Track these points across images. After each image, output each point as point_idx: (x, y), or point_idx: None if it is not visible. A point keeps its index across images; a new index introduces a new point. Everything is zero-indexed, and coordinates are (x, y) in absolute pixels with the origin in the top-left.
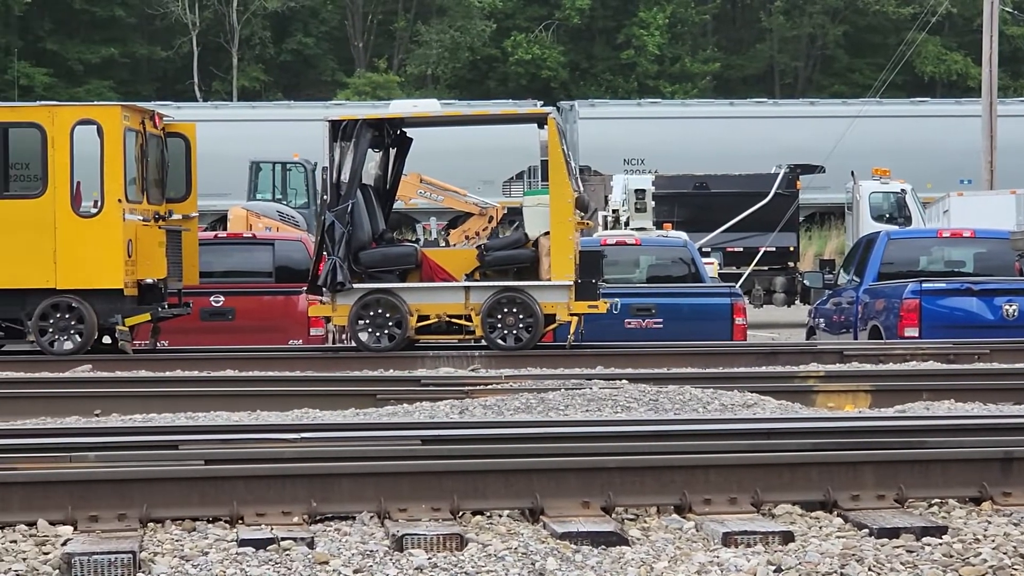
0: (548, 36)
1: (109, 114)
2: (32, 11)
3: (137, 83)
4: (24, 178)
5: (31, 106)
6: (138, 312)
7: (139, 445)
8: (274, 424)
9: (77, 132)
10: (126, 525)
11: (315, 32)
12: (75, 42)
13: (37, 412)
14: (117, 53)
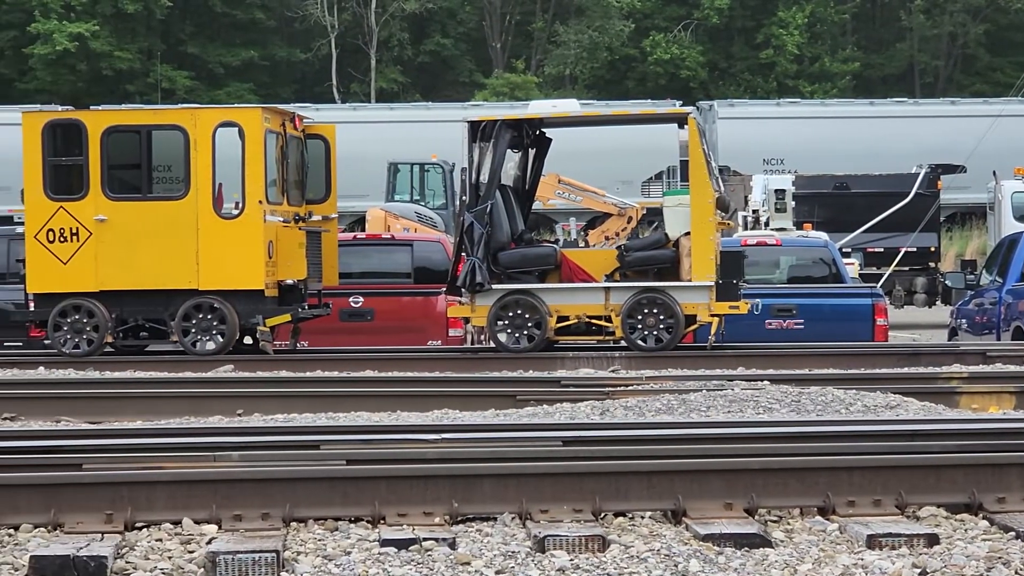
0: (687, 36)
1: (250, 116)
2: (174, 15)
3: (276, 85)
4: (167, 180)
5: (174, 109)
6: (279, 313)
7: (281, 445)
8: (415, 424)
9: (219, 134)
10: (269, 524)
11: (453, 33)
12: (216, 45)
13: (181, 412)
14: (257, 56)
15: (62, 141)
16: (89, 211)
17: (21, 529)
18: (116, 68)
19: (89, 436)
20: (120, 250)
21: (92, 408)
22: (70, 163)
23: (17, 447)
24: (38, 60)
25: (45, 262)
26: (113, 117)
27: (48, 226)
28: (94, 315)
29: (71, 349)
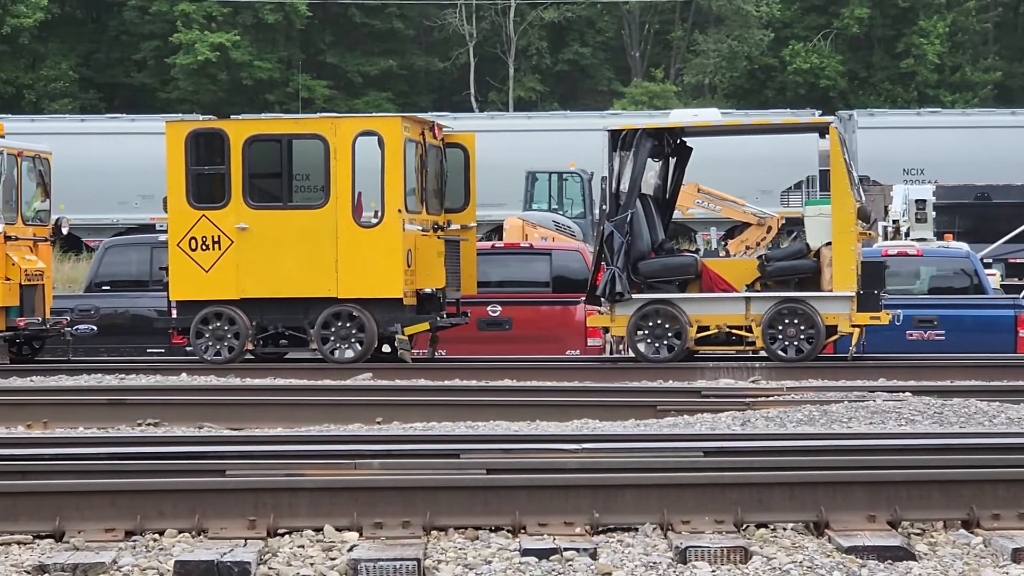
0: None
1: (390, 125)
2: (313, 25)
3: (414, 94)
4: (306, 189)
5: (314, 118)
6: (417, 321)
7: (421, 453)
8: (554, 434)
9: (359, 143)
10: (410, 532)
11: (591, 42)
12: (355, 55)
13: (320, 419)
14: (395, 65)
15: (204, 150)
16: (231, 219)
17: (166, 534)
18: (256, 78)
19: (232, 443)
20: (261, 258)
21: (233, 415)
22: (212, 172)
23: (161, 452)
24: (180, 70)
25: (187, 270)
26: (254, 126)
27: (191, 234)
28: (235, 322)
29: (212, 356)
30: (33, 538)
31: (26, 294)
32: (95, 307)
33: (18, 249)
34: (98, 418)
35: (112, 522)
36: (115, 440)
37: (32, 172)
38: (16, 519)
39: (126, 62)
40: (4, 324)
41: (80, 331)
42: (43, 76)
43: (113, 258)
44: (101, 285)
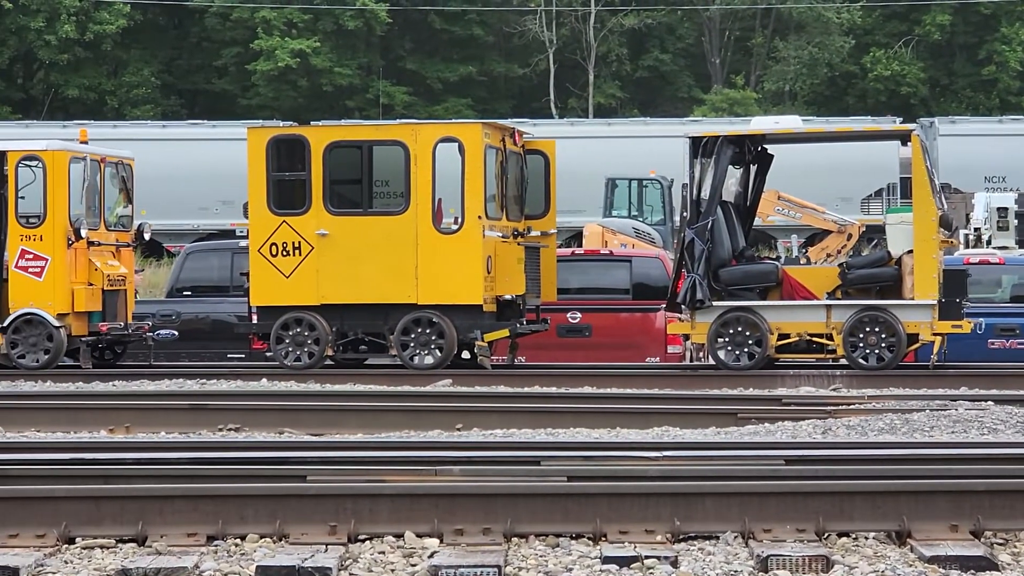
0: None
1: (471, 132)
2: (393, 31)
3: (494, 100)
4: (385, 195)
5: (394, 124)
6: (497, 328)
7: (502, 460)
8: (635, 442)
9: (439, 149)
10: (491, 539)
11: (671, 48)
12: (434, 61)
13: (400, 425)
14: (475, 71)
15: (286, 156)
16: (311, 226)
17: (247, 539)
18: (336, 84)
19: (312, 448)
20: (341, 264)
21: (314, 420)
22: (293, 178)
23: (243, 458)
24: (260, 76)
25: (268, 276)
26: (335, 133)
27: (271, 240)
28: (315, 328)
29: (292, 362)
30: (116, 542)
31: (108, 299)
32: (176, 312)
33: (101, 254)
34: (179, 423)
35: (194, 526)
36: (197, 445)
37: (115, 178)
38: (100, 523)
39: (207, 68)
40: (87, 329)
41: (161, 336)
42: (125, 82)
43: (194, 263)
44: (182, 290)
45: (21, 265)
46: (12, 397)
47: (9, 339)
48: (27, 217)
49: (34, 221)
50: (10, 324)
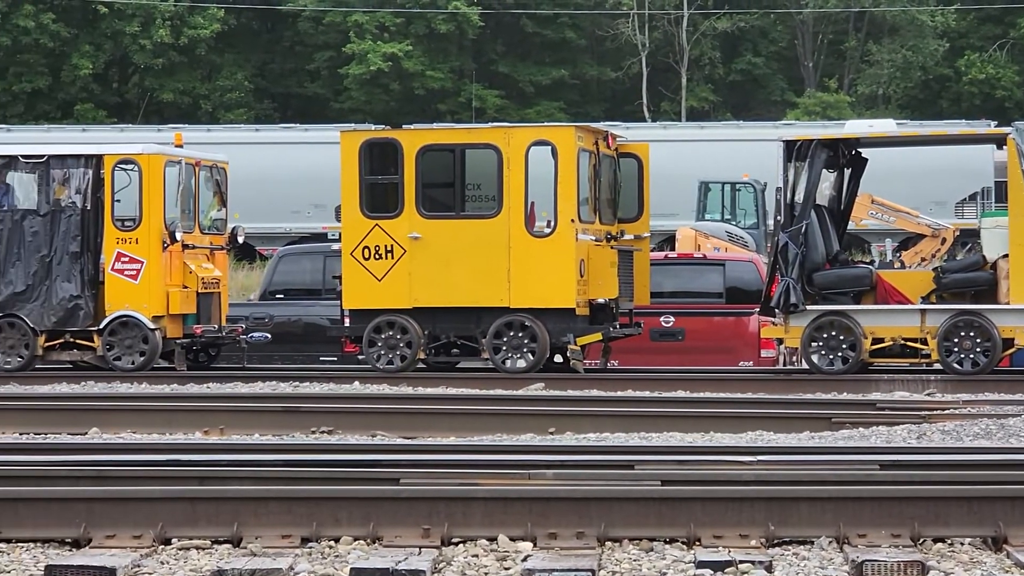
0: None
1: (564, 135)
2: (485, 35)
3: (586, 104)
4: (477, 198)
5: (487, 128)
6: (590, 331)
7: (595, 464)
8: (729, 446)
9: (532, 153)
10: (584, 543)
11: (764, 52)
12: (526, 64)
13: (492, 429)
14: (567, 74)
15: (378, 160)
16: (404, 229)
17: (341, 541)
18: (428, 87)
19: (405, 451)
20: (433, 268)
21: (406, 423)
22: (385, 181)
23: (336, 460)
24: (353, 80)
25: (361, 279)
26: (428, 136)
27: (364, 243)
28: (407, 331)
29: (385, 365)
30: (211, 543)
31: (203, 302)
32: (269, 315)
33: (195, 257)
34: (273, 425)
35: (288, 528)
36: (290, 447)
37: (209, 181)
38: (195, 524)
39: (300, 72)
40: (181, 331)
41: (254, 339)
42: (219, 87)
43: (287, 267)
44: (275, 293)
45: (117, 268)
46: (108, 398)
47: (105, 341)
48: (123, 220)
49: (129, 224)
50: (106, 326)
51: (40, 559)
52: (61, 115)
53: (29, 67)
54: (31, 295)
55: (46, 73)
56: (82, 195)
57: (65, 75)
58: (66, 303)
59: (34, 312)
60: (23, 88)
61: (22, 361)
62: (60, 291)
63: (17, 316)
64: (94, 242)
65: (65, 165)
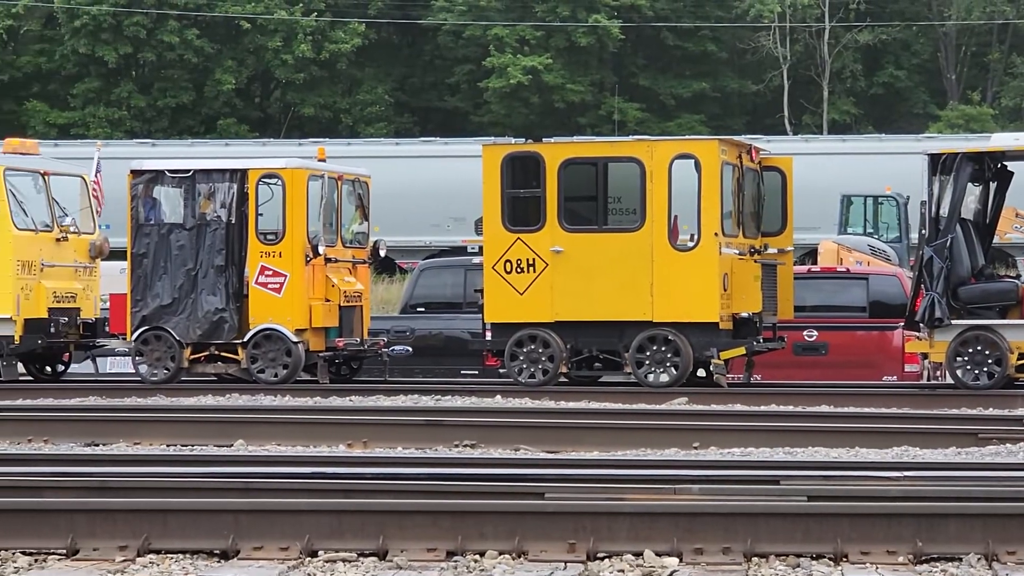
0: None
1: (707, 148)
2: (625, 48)
3: (727, 117)
4: (618, 211)
5: (629, 141)
6: (733, 346)
7: (740, 479)
8: (875, 462)
9: (675, 166)
10: (730, 559)
11: (906, 64)
12: (667, 77)
13: (636, 443)
14: (708, 87)
15: (520, 173)
16: (546, 242)
17: (486, 555)
18: (568, 100)
19: (550, 465)
20: (576, 281)
21: (549, 437)
22: (528, 195)
23: (481, 474)
24: (492, 93)
25: (502, 292)
26: (570, 149)
27: (506, 257)
28: (549, 345)
29: (527, 378)
30: (357, 555)
31: (345, 315)
32: (410, 328)
33: (337, 271)
34: (416, 438)
35: (434, 542)
36: (434, 461)
37: (351, 195)
38: (341, 536)
39: (440, 86)
40: (324, 344)
41: (396, 352)
42: (359, 100)
43: (428, 280)
44: (416, 307)
45: (261, 281)
46: (253, 411)
47: (249, 354)
48: (266, 234)
49: (272, 238)
50: (250, 339)
51: (189, 570)
52: (204, 130)
53: (173, 82)
54: (177, 308)
55: (190, 88)
56: (227, 209)
57: (208, 90)
58: (211, 316)
59: (180, 325)
60: (168, 103)
61: (168, 373)
62: (205, 304)
63: (163, 329)
64: (238, 256)
65: (210, 179)
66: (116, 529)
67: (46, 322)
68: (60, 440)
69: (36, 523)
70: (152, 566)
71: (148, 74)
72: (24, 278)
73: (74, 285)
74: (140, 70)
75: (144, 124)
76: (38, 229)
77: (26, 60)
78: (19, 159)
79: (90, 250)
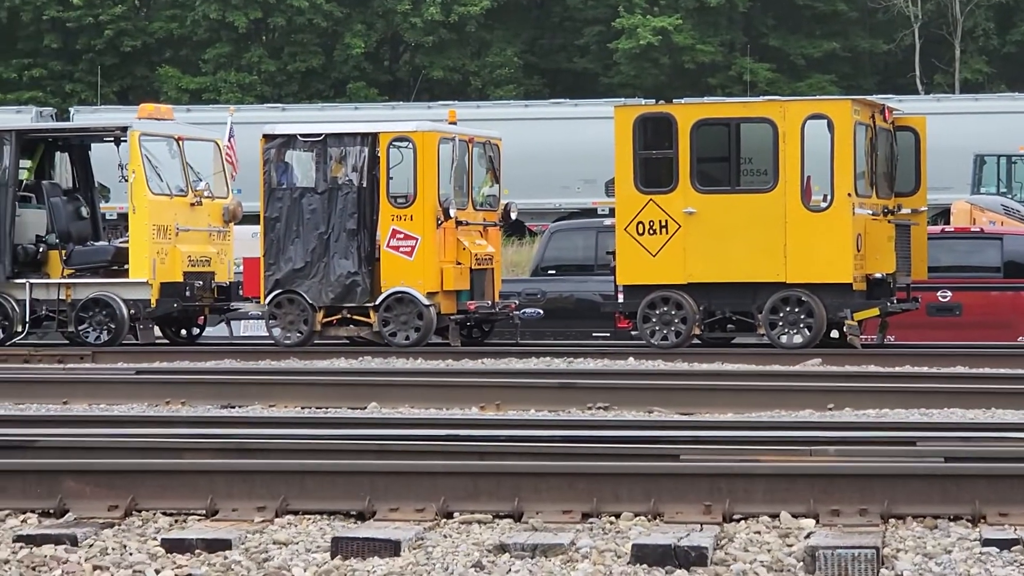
0: None
1: (840, 108)
2: (756, 8)
3: (858, 77)
4: (750, 172)
5: (761, 102)
6: (866, 307)
7: (876, 441)
8: (1012, 423)
9: (808, 126)
10: (867, 520)
11: None
12: (797, 37)
13: (769, 405)
14: (838, 47)
15: (652, 135)
16: (678, 204)
17: (622, 517)
18: (698, 61)
19: (684, 427)
20: (708, 243)
21: (682, 399)
22: (660, 156)
23: (615, 436)
24: (622, 55)
25: (635, 254)
26: (702, 110)
27: (638, 219)
28: (682, 307)
29: (659, 341)
30: (493, 517)
31: (476, 278)
32: (541, 291)
33: (469, 234)
34: (549, 401)
35: (569, 504)
36: (568, 423)
37: (482, 158)
38: (476, 498)
39: (569, 48)
40: (455, 307)
41: (527, 315)
42: (488, 63)
43: (559, 243)
44: (547, 269)
45: (392, 245)
46: (385, 374)
47: (381, 317)
48: (397, 197)
49: (403, 201)
50: (382, 302)
51: (327, 531)
52: (334, 94)
53: (303, 47)
54: (310, 272)
55: (319, 52)
56: (358, 173)
57: (338, 54)
58: (344, 279)
59: (312, 288)
60: (297, 68)
61: (301, 336)
62: (338, 268)
63: (296, 292)
64: (370, 219)
65: (342, 143)
66: (254, 490)
67: (181, 286)
68: (197, 402)
69: (176, 484)
70: (290, 527)
71: (278, 39)
72: (160, 242)
73: (208, 249)
74: (270, 35)
75: (274, 89)
76: (173, 194)
77: (158, 26)
78: (154, 124)
79: (224, 214)
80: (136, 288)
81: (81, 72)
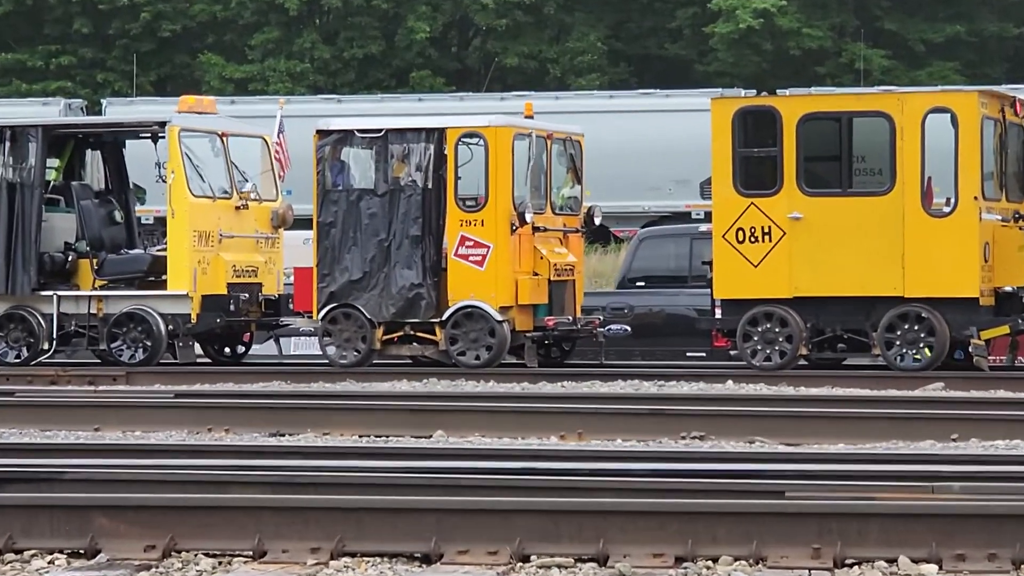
0: None
1: (965, 101)
2: None
3: (984, 64)
4: (863, 172)
5: (876, 93)
6: (995, 324)
7: (1007, 476)
8: None
9: (929, 121)
10: (996, 566)
11: None
12: (916, 20)
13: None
14: (963, 31)
15: (754, 130)
16: (783, 208)
17: (720, 561)
18: (804, 47)
19: (790, 460)
20: (816, 252)
21: (788, 428)
22: (762, 154)
23: (712, 471)
24: (719, 40)
25: (734, 264)
26: (810, 103)
27: (737, 224)
28: (787, 324)
29: (762, 361)
30: (575, 561)
31: (555, 291)
32: (628, 305)
33: (547, 241)
34: (637, 429)
35: (660, 546)
36: (659, 455)
37: (562, 156)
38: (557, 540)
39: (660, 32)
40: (532, 323)
41: (613, 332)
42: (569, 49)
43: (648, 251)
44: (635, 281)
45: (461, 253)
46: (454, 398)
47: (448, 334)
48: (467, 200)
49: (473, 205)
50: (449, 318)
51: (388, 575)
52: (395, 83)
53: (361, 31)
54: (368, 283)
55: (379, 38)
56: (423, 173)
57: (400, 39)
58: (406, 292)
59: (371, 302)
60: (355, 55)
61: (359, 356)
62: (400, 279)
63: (353, 306)
64: (436, 225)
65: (405, 140)
66: (307, 529)
67: (225, 299)
68: (242, 429)
69: (219, 521)
70: (347, 570)
71: (333, 22)
72: (201, 250)
73: (255, 258)
74: (324, 18)
75: (329, 78)
76: (216, 196)
77: (199, 9)
78: (195, 119)
79: (272, 219)
80: (175, 301)
81: (114, 60)
